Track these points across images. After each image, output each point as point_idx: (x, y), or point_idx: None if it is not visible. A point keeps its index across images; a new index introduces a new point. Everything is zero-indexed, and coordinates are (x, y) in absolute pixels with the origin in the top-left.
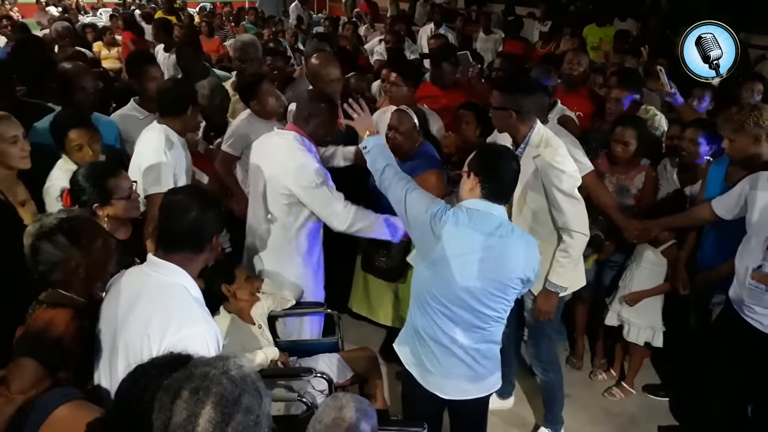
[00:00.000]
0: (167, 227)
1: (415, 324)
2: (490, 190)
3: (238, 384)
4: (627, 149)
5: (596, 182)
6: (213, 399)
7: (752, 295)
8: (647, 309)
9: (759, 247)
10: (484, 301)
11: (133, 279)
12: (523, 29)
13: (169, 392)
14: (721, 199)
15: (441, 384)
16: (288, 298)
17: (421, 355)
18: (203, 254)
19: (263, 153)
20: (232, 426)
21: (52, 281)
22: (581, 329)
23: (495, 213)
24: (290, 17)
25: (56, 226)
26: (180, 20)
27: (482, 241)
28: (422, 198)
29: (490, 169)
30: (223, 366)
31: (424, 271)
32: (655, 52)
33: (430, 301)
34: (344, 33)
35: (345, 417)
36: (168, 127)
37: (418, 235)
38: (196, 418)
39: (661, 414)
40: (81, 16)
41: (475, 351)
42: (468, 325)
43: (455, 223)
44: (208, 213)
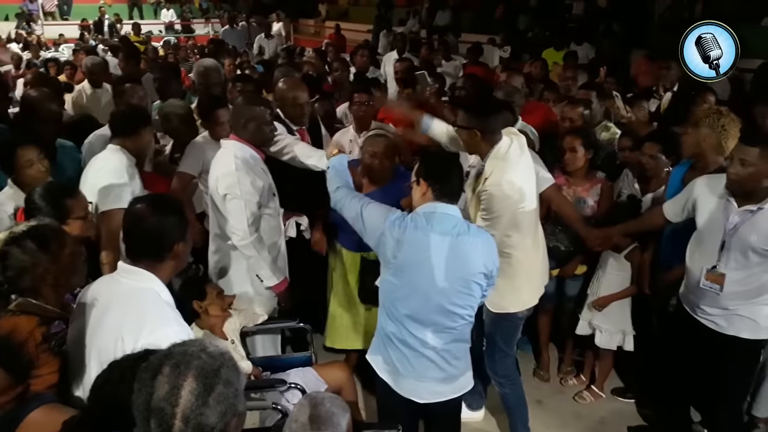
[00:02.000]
0: (128, 236)
1: (386, 331)
2: (441, 191)
3: (217, 358)
4: (575, 155)
5: (558, 194)
6: (194, 372)
7: (706, 296)
8: (616, 314)
9: (713, 248)
10: (453, 300)
11: (104, 286)
12: (483, 55)
13: (149, 370)
14: (670, 203)
15: (415, 388)
16: (259, 314)
17: (393, 361)
18: (166, 262)
19: (211, 167)
20: (213, 397)
21: (20, 288)
22: (545, 340)
23: (450, 213)
24: (254, 49)
25: (25, 232)
26: (145, 53)
27: (441, 242)
28: (378, 210)
29: (436, 171)
30: (201, 344)
31: (390, 279)
32: (610, 73)
33: (399, 307)
34: (309, 59)
35: (320, 413)
36: (122, 147)
37: (378, 246)
38: (178, 390)
39: (629, 415)
40: (43, 51)
41: (446, 352)
42: (438, 326)
43: (414, 228)
44: (167, 220)
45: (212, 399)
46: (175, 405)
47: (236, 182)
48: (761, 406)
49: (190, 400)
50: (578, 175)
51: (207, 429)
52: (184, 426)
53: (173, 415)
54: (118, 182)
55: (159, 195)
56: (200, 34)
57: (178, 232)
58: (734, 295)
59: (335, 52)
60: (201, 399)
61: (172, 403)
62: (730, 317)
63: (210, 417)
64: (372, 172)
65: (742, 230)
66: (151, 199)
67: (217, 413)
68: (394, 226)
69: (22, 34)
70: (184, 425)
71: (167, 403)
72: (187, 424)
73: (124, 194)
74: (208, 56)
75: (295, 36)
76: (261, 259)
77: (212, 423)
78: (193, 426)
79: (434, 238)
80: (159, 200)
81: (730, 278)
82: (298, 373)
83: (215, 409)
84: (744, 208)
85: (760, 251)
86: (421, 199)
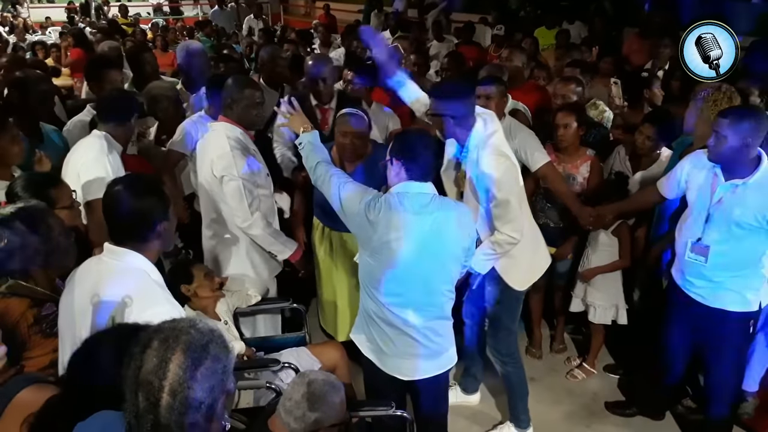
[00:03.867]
0: (109, 221)
1: (367, 310)
2: (414, 170)
3: (206, 334)
4: (568, 131)
5: (553, 172)
6: (182, 346)
7: (692, 268)
8: (609, 288)
9: (698, 221)
10: (432, 277)
11: (91, 268)
12: (476, 34)
13: (139, 344)
14: (664, 179)
15: (399, 365)
16: (253, 295)
17: (376, 340)
18: (150, 242)
19: (200, 150)
20: (201, 371)
21: (10, 270)
22: (537, 318)
23: (424, 191)
24: (243, 29)
25: (14, 213)
26: (133, 35)
27: (417, 221)
28: (355, 190)
29: (408, 151)
30: (190, 321)
31: (368, 260)
32: (603, 52)
33: (379, 287)
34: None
35: (314, 391)
36: (109, 134)
37: (355, 227)
38: (166, 363)
39: (621, 391)
40: (29, 35)
41: (427, 329)
42: (419, 304)
43: (388, 208)
44: (147, 201)
45: (200, 373)
46: (162, 378)
47: (232, 163)
48: (750, 380)
49: (178, 373)
50: (569, 151)
51: (194, 403)
52: (172, 399)
53: (161, 388)
54: (101, 171)
55: (136, 175)
56: (189, 16)
57: (160, 211)
58: (718, 266)
59: (325, 33)
60: (189, 373)
61: (160, 376)
62: (716, 290)
63: (197, 391)
64: (346, 152)
65: (727, 203)
66: (129, 181)
67: (205, 388)
68: (369, 208)
69: (8, 17)
70: (172, 399)
71: (155, 376)
72: (175, 397)
73: (103, 184)
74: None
75: (285, 17)
76: (268, 235)
77: (200, 397)
78: (180, 399)
79: (409, 217)
80: (137, 181)
81: (714, 250)
82: (292, 352)
83: (203, 384)
84: (730, 182)
85: (744, 224)
86: (395, 178)
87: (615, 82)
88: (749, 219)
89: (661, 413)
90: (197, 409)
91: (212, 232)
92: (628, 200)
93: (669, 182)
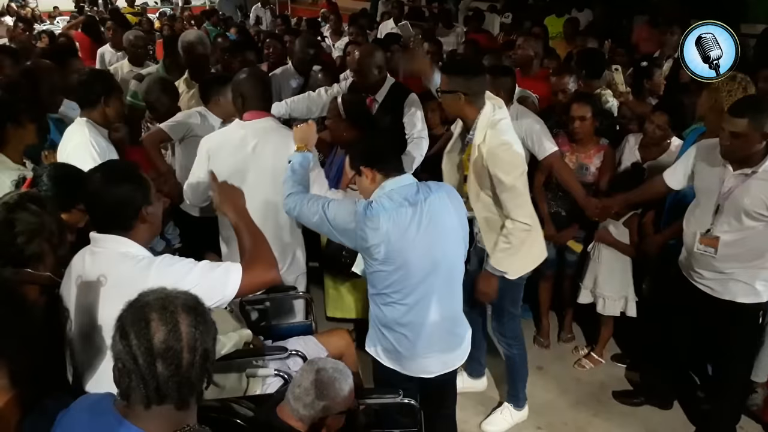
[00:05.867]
0: (89, 212)
1: (383, 320)
2: (387, 168)
3: (189, 294)
4: (584, 123)
5: (560, 162)
6: (181, 308)
7: (701, 260)
8: (618, 280)
9: (707, 212)
10: (445, 260)
11: (84, 259)
12: (485, 22)
13: (136, 323)
14: (671, 170)
15: (423, 365)
16: None
17: (396, 347)
18: (136, 228)
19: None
20: (205, 323)
21: (29, 254)
22: (546, 308)
23: (407, 182)
24: (250, 18)
25: (21, 197)
26: (139, 24)
27: (415, 212)
28: (342, 205)
29: (371, 153)
30: (164, 289)
31: (380, 269)
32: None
33: (398, 290)
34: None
35: (323, 378)
36: (89, 119)
37: (356, 241)
38: (176, 326)
39: (628, 381)
40: (37, 25)
41: (448, 320)
42: (441, 294)
43: (384, 210)
44: (124, 189)
45: (205, 325)
46: (179, 340)
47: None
48: (759, 371)
49: (191, 331)
50: (583, 142)
51: (210, 354)
52: (192, 356)
53: (180, 349)
54: (85, 157)
55: (112, 163)
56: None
57: (140, 196)
58: (728, 258)
59: (336, 21)
60: (199, 327)
61: (177, 338)
62: (726, 282)
63: (208, 342)
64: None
65: (736, 194)
66: (105, 170)
67: (211, 337)
68: (367, 218)
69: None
70: (192, 355)
71: (172, 341)
72: (194, 353)
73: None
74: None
75: (292, 6)
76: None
77: (210, 346)
78: (200, 353)
79: (407, 211)
80: (113, 169)
81: (723, 241)
82: (299, 340)
83: (210, 334)
84: (739, 171)
85: (754, 214)
86: (371, 185)
87: (616, 68)
88: (760, 208)
89: (669, 403)
90: (210, 358)
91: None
92: (635, 191)
93: (675, 173)
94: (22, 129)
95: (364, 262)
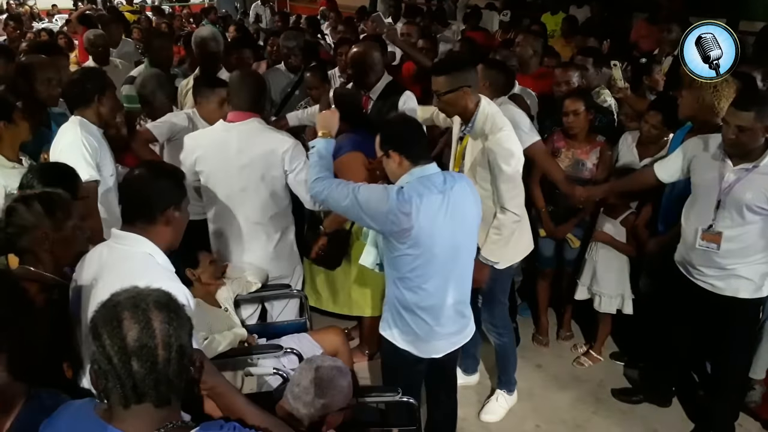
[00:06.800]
0: (123, 201)
1: (404, 302)
2: (415, 154)
3: (161, 291)
4: (578, 118)
5: (542, 152)
6: (154, 305)
7: (703, 256)
8: (615, 278)
9: (708, 208)
10: (465, 247)
11: (97, 254)
12: (482, 20)
13: (108, 323)
14: (662, 163)
15: (435, 346)
16: (253, 282)
17: (414, 329)
18: (158, 226)
19: (238, 151)
20: (179, 319)
21: (19, 248)
22: (544, 306)
23: (434, 170)
24: (250, 16)
25: (36, 195)
26: (138, 23)
27: (442, 200)
28: (373, 190)
29: (400, 138)
30: (138, 287)
31: (408, 252)
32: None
33: (421, 274)
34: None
35: (322, 376)
36: (82, 118)
37: (387, 225)
38: (149, 323)
39: (627, 378)
40: (36, 23)
41: (461, 303)
42: (458, 279)
43: (419, 195)
44: (160, 182)
45: (179, 321)
46: (153, 338)
47: (300, 150)
48: (757, 367)
49: (164, 328)
50: (579, 137)
51: (186, 349)
52: (167, 353)
53: (155, 347)
54: (76, 155)
55: (157, 161)
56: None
57: (173, 196)
58: (731, 253)
59: (336, 19)
60: (173, 324)
61: (150, 335)
62: (728, 278)
63: (184, 337)
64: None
65: (738, 188)
66: (149, 164)
67: (186, 332)
68: (401, 202)
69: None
70: (167, 352)
71: (145, 339)
72: (169, 350)
73: (84, 165)
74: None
75: (291, 3)
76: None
77: (186, 342)
78: (175, 349)
79: (437, 198)
80: (155, 165)
81: (726, 236)
82: (293, 338)
83: (184, 330)
84: (739, 166)
85: (756, 209)
86: (398, 169)
87: (614, 64)
88: (761, 202)
89: (668, 400)
90: (186, 354)
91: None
92: (622, 181)
93: (667, 167)
94: (16, 127)
95: (388, 246)
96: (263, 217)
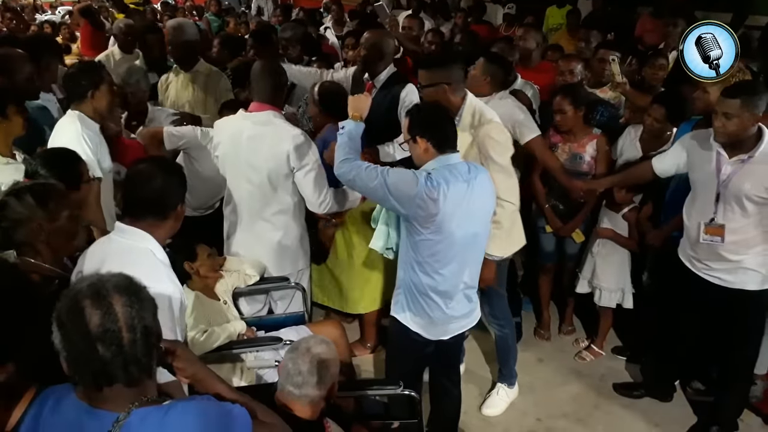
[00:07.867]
0: (131, 196)
1: (419, 286)
2: (442, 142)
3: (121, 275)
4: (564, 116)
5: (541, 146)
6: (114, 289)
7: (708, 250)
8: (616, 272)
9: (708, 201)
10: (481, 235)
11: (99, 247)
12: (486, 13)
13: (71, 312)
14: (659, 158)
15: (446, 329)
16: (251, 275)
17: (427, 312)
18: (168, 222)
19: (247, 141)
20: (142, 300)
21: (15, 242)
22: (546, 300)
23: (457, 160)
24: (252, 9)
25: (28, 187)
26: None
27: (466, 188)
28: (404, 174)
29: (429, 124)
30: (98, 274)
31: (429, 237)
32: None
33: (440, 259)
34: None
35: (319, 359)
36: (80, 112)
37: (413, 208)
38: (110, 308)
39: (628, 373)
40: (39, 15)
41: (470, 289)
42: (472, 264)
43: (446, 182)
44: (172, 180)
45: (142, 302)
46: (116, 321)
47: (312, 149)
48: (760, 363)
49: (126, 311)
50: (574, 131)
51: (152, 329)
52: (132, 334)
53: (119, 330)
54: (78, 151)
55: (160, 157)
56: None
57: (181, 192)
58: (735, 245)
59: (339, 11)
60: (135, 306)
61: (113, 320)
62: (735, 271)
63: (147, 319)
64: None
65: (735, 180)
66: (154, 160)
67: (150, 314)
68: (429, 187)
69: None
70: (132, 333)
71: (108, 323)
72: (134, 331)
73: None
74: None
75: None
76: (347, 199)
77: (150, 323)
78: (140, 330)
79: (461, 186)
80: (163, 161)
81: (729, 228)
82: (292, 330)
83: (148, 311)
84: (735, 158)
85: (755, 198)
86: (424, 155)
87: (613, 59)
88: (760, 192)
89: (669, 395)
90: (153, 334)
91: (259, 226)
92: (621, 174)
93: (664, 161)
94: (9, 121)
95: (410, 229)
96: (266, 211)
